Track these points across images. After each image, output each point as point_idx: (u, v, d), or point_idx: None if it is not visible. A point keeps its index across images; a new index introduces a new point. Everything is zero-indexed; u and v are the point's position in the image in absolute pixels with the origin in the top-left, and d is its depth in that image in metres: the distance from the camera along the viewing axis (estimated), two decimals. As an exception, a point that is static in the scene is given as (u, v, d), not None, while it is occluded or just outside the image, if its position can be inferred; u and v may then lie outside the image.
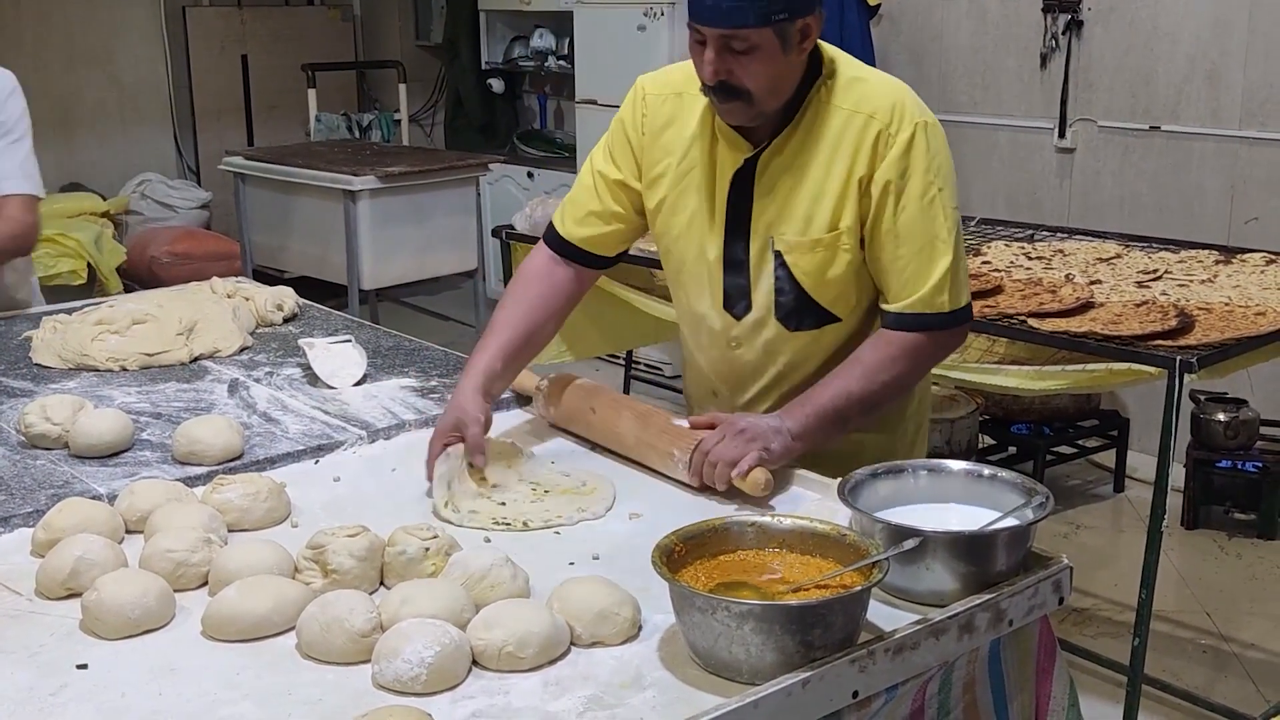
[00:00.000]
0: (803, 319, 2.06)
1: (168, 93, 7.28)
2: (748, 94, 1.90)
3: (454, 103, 7.65)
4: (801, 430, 1.92)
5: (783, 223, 2.01)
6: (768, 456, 1.88)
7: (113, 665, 1.49)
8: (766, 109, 1.94)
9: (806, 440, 1.92)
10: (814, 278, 2.01)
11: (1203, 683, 3.37)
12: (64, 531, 1.73)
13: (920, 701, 1.55)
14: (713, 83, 1.90)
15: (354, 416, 2.30)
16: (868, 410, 1.97)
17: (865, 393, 1.95)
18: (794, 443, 1.91)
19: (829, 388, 1.95)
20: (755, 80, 1.88)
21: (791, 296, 2.04)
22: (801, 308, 2.05)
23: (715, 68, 1.88)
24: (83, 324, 2.66)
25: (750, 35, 1.84)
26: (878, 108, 1.95)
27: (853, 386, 1.94)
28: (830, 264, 2.00)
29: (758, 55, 1.86)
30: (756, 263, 2.05)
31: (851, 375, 1.95)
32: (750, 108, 1.92)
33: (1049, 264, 3.31)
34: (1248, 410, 4.19)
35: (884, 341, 1.98)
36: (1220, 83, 4.50)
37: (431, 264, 5.42)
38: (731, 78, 1.88)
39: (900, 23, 5.43)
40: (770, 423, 1.92)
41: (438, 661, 1.42)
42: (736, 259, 2.06)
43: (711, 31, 1.86)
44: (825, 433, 1.94)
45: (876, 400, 1.97)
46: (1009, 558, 1.60)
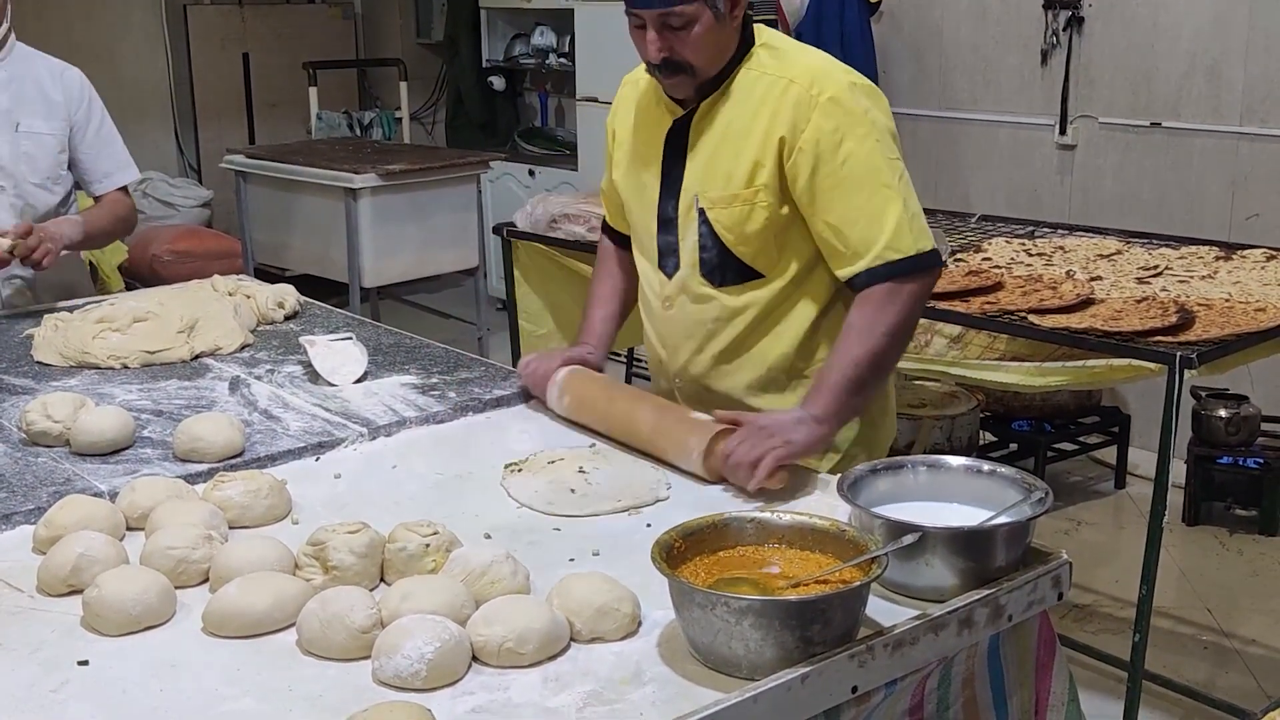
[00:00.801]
0: (725, 274, 2.16)
1: (169, 91, 7.28)
2: (690, 67, 2.06)
3: (455, 100, 7.65)
4: (824, 412, 1.97)
5: (706, 180, 2.13)
6: (792, 449, 1.91)
7: (114, 662, 1.50)
8: (707, 77, 2.09)
9: (832, 419, 1.99)
10: (733, 233, 2.12)
11: (1203, 678, 3.37)
12: (65, 528, 1.73)
13: (919, 697, 1.55)
14: (658, 61, 2.06)
15: (355, 414, 2.30)
16: (879, 369, 2.03)
17: (870, 352, 2.00)
18: (819, 426, 1.96)
19: (835, 362, 2.02)
20: (695, 52, 2.04)
21: (714, 252, 2.15)
22: (724, 263, 2.15)
23: (658, 46, 2.04)
24: (84, 322, 2.66)
25: (685, 10, 2.00)
26: (798, 74, 2.07)
27: (855, 351, 2.00)
28: (748, 219, 2.10)
29: (694, 29, 2.02)
30: (684, 220, 2.18)
31: (850, 342, 2.02)
32: (693, 79, 2.08)
33: (1050, 260, 3.31)
34: (1249, 406, 4.19)
35: (864, 300, 2.03)
36: (1221, 79, 4.50)
37: (433, 262, 5.41)
38: (673, 54, 2.04)
39: (901, 19, 5.43)
40: (792, 415, 1.98)
41: (438, 657, 1.42)
42: (667, 217, 2.21)
43: (649, 13, 2.02)
44: (848, 404, 2.01)
45: (883, 356, 2.02)
46: (1008, 553, 1.60)
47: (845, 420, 2.04)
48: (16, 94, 3.09)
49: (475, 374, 2.52)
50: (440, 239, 5.29)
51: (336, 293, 4.76)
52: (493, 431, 2.26)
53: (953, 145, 5.34)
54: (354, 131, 7.28)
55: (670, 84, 2.11)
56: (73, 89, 3.18)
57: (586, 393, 2.23)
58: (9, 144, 3.05)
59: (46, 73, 3.16)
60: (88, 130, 3.19)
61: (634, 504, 1.91)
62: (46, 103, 3.12)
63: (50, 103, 3.13)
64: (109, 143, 3.24)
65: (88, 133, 3.19)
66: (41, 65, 3.17)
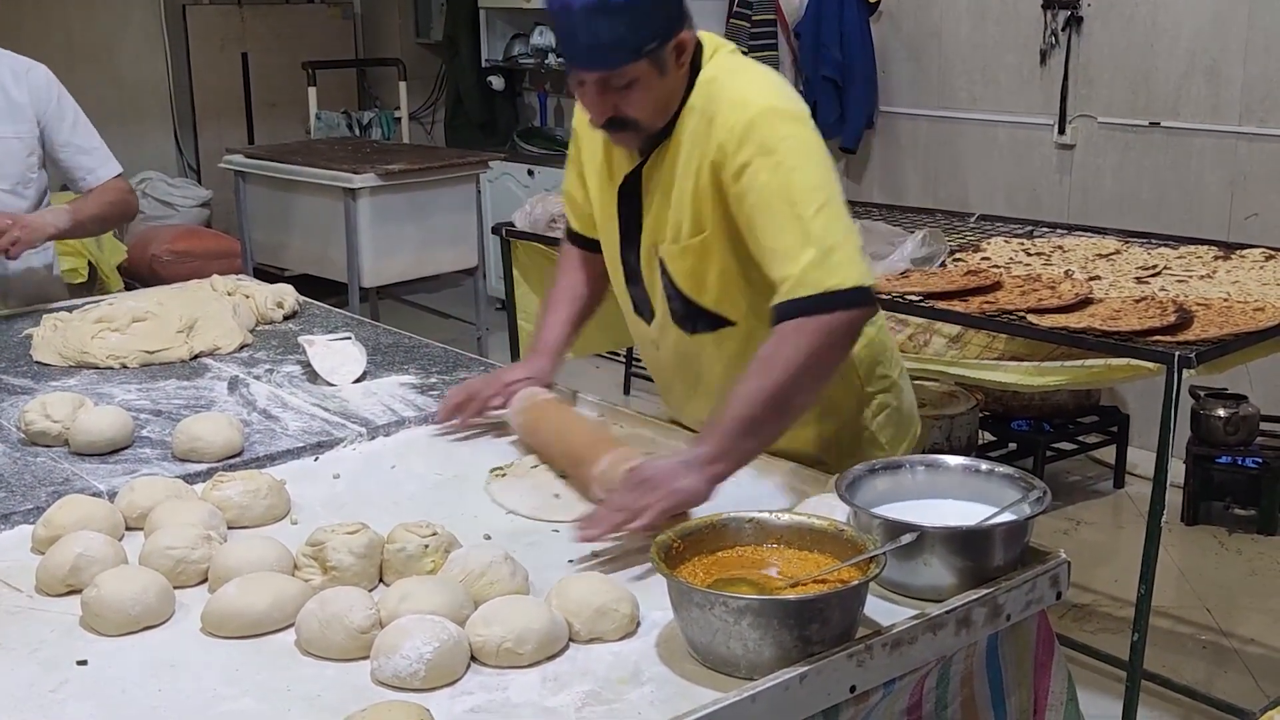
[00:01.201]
0: (696, 323, 2.08)
1: (168, 91, 7.28)
2: (635, 123, 1.95)
3: (454, 100, 7.64)
4: (715, 452, 1.80)
5: (660, 231, 2.03)
6: (676, 500, 1.75)
7: (113, 661, 1.50)
8: (655, 129, 1.98)
9: (726, 459, 1.81)
10: (691, 282, 2.03)
11: (1202, 678, 3.38)
12: (64, 528, 1.73)
13: (918, 696, 1.55)
14: (602, 122, 1.96)
15: (354, 414, 2.31)
16: (779, 407, 1.84)
17: (768, 388, 1.81)
18: (710, 467, 1.79)
19: (733, 398, 1.84)
20: (640, 109, 1.93)
21: (679, 303, 2.07)
22: (691, 313, 2.07)
23: (600, 108, 1.94)
24: (83, 322, 2.67)
25: (627, 71, 1.88)
26: (719, 108, 1.93)
27: (752, 387, 1.82)
28: (703, 269, 2.01)
29: (637, 86, 1.90)
30: (648, 272, 2.10)
31: (750, 377, 1.84)
32: (640, 134, 1.98)
33: (1048, 260, 3.31)
34: (1247, 406, 4.19)
35: (774, 335, 1.86)
36: (1220, 79, 4.50)
37: (432, 261, 5.41)
38: (618, 112, 1.93)
39: (900, 19, 5.43)
40: (680, 459, 1.81)
41: (436, 658, 1.42)
42: (631, 268, 2.13)
43: (590, 75, 1.91)
44: (743, 443, 1.83)
45: (783, 394, 1.82)
46: (1006, 553, 1.60)
47: (742, 460, 1.84)
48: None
49: (474, 374, 2.52)
50: (439, 239, 5.29)
51: (335, 293, 4.76)
52: (492, 432, 2.26)
53: (952, 145, 5.34)
54: (353, 131, 7.28)
55: (616, 139, 2.02)
56: (39, 88, 3.08)
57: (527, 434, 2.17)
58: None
59: (9, 73, 3.06)
60: (62, 128, 3.11)
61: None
62: (10, 105, 3.04)
63: (14, 104, 3.04)
64: (87, 138, 3.16)
65: (62, 130, 3.11)
66: (4, 66, 3.07)
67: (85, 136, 3.17)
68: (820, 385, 1.87)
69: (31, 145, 3.08)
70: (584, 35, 1.86)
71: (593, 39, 1.86)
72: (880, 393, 2.20)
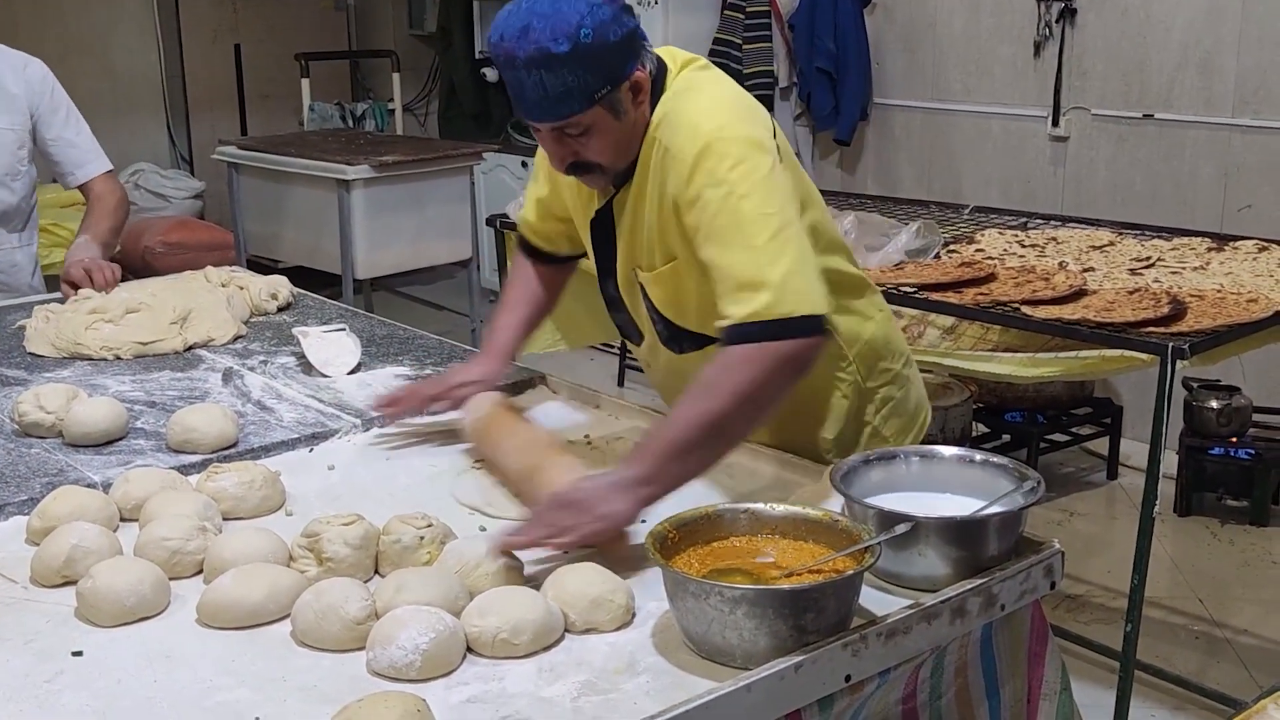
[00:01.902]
0: (682, 343, 2.07)
1: (160, 82, 7.25)
2: (598, 166, 1.93)
3: (448, 92, 7.63)
4: (645, 474, 1.73)
5: (636, 259, 2.02)
6: (602, 526, 1.70)
7: (108, 652, 1.50)
8: (620, 168, 1.95)
9: (656, 483, 1.74)
10: (672, 307, 2.03)
11: (1195, 668, 3.39)
12: (59, 519, 1.73)
13: (912, 686, 1.56)
14: (562, 169, 1.94)
15: (348, 405, 2.31)
16: (718, 433, 1.77)
17: (708, 413, 1.75)
18: (640, 489, 1.72)
19: (670, 420, 1.81)
20: (600, 154, 1.90)
21: (663, 325, 2.07)
22: (676, 334, 2.06)
23: (560, 155, 1.92)
24: (76, 313, 2.66)
25: (580, 120, 1.85)
26: (673, 138, 1.89)
27: (690, 411, 1.77)
28: (681, 292, 1.99)
29: (594, 132, 1.87)
30: (629, 298, 2.10)
31: (688, 400, 1.79)
32: (605, 174, 1.95)
33: (1042, 252, 3.31)
34: (1240, 397, 4.19)
35: (719, 360, 1.79)
36: (1213, 71, 4.50)
37: (426, 253, 5.41)
38: (578, 158, 1.91)
39: (894, 11, 5.43)
40: (609, 479, 1.75)
41: (432, 648, 1.42)
42: (611, 295, 2.13)
43: (544, 125, 1.88)
44: (676, 466, 1.76)
45: (723, 419, 1.75)
46: (1000, 543, 1.61)
47: (673, 485, 1.76)
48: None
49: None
50: (433, 230, 5.29)
51: (329, 284, 4.75)
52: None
53: (945, 137, 5.34)
54: (346, 123, 7.26)
55: (585, 181, 1.99)
56: (34, 81, 3.12)
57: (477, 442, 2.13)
58: None
59: (7, 67, 3.10)
60: (54, 122, 3.14)
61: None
62: (5, 97, 3.07)
63: (9, 97, 3.08)
64: (79, 132, 3.19)
65: (54, 124, 3.14)
66: (1, 60, 3.11)
67: (76, 131, 3.19)
68: (762, 415, 1.81)
69: (23, 138, 3.10)
70: (530, 89, 1.82)
71: (540, 91, 1.81)
72: (883, 386, 2.18)
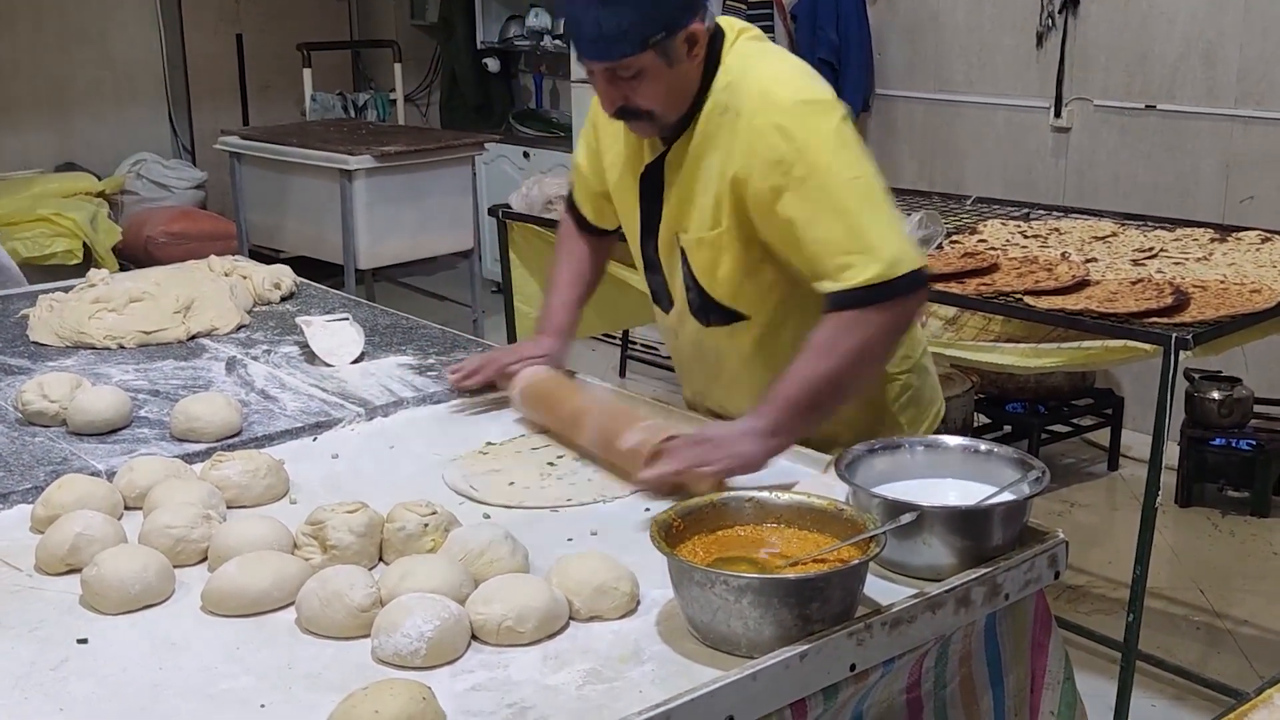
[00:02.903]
0: (710, 315, 2.10)
1: (162, 72, 7.25)
2: (648, 113, 1.96)
3: (449, 82, 7.62)
4: (774, 425, 1.86)
5: (683, 220, 2.05)
6: (736, 463, 1.82)
7: (113, 640, 1.50)
8: (671, 120, 1.98)
9: (782, 434, 1.87)
10: (707, 276, 2.05)
11: (1196, 659, 3.39)
12: (63, 508, 1.73)
13: (917, 675, 1.56)
14: (612, 112, 1.97)
15: (352, 394, 2.31)
16: (837, 390, 1.90)
17: (829, 372, 1.87)
18: (769, 439, 1.86)
19: (790, 377, 1.88)
20: (650, 100, 1.94)
21: (696, 293, 2.09)
22: (707, 305, 2.09)
23: (610, 97, 1.96)
24: (80, 302, 2.66)
25: (632, 63, 1.89)
26: (745, 103, 1.93)
27: (812, 369, 1.87)
28: (717, 262, 2.03)
29: (645, 77, 1.91)
30: (668, 261, 2.12)
31: (809, 358, 1.88)
32: (655, 123, 1.98)
33: (1045, 242, 3.31)
34: (1242, 388, 4.20)
35: (828, 322, 1.88)
36: (1216, 62, 4.49)
37: (427, 244, 5.41)
38: (629, 102, 1.94)
39: (896, 2, 5.41)
40: (739, 427, 1.88)
41: (437, 636, 1.42)
42: (650, 257, 2.15)
43: (597, 65, 1.92)
44: (800, 420, 1.88)
45: (843, 378, 1.88)
46: (1005, 532, 1.61)
47: (796, 437, 1.90)
48: None
49: (473, 355, 2.52)
50: (435, 221, 5.29)
51: (331, 275, 4.75)
52: (490, 412, 2.26)
53: (948, 127, 5.33)
54: (348, 113, 7.26)
55: (633, 129, 2.03)
56: None
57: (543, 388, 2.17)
58: None
59: None
60: None
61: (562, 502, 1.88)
62: None
63: None
64: None
65: None
66: None
67: None
68: (875, 371, 1.96)
69: None
70: (588, 26, 1.88)
71: (596, 30, 1.87)
72: (902, 374, 2.21)
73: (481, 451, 2.07)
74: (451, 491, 1.91)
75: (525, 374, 2.20)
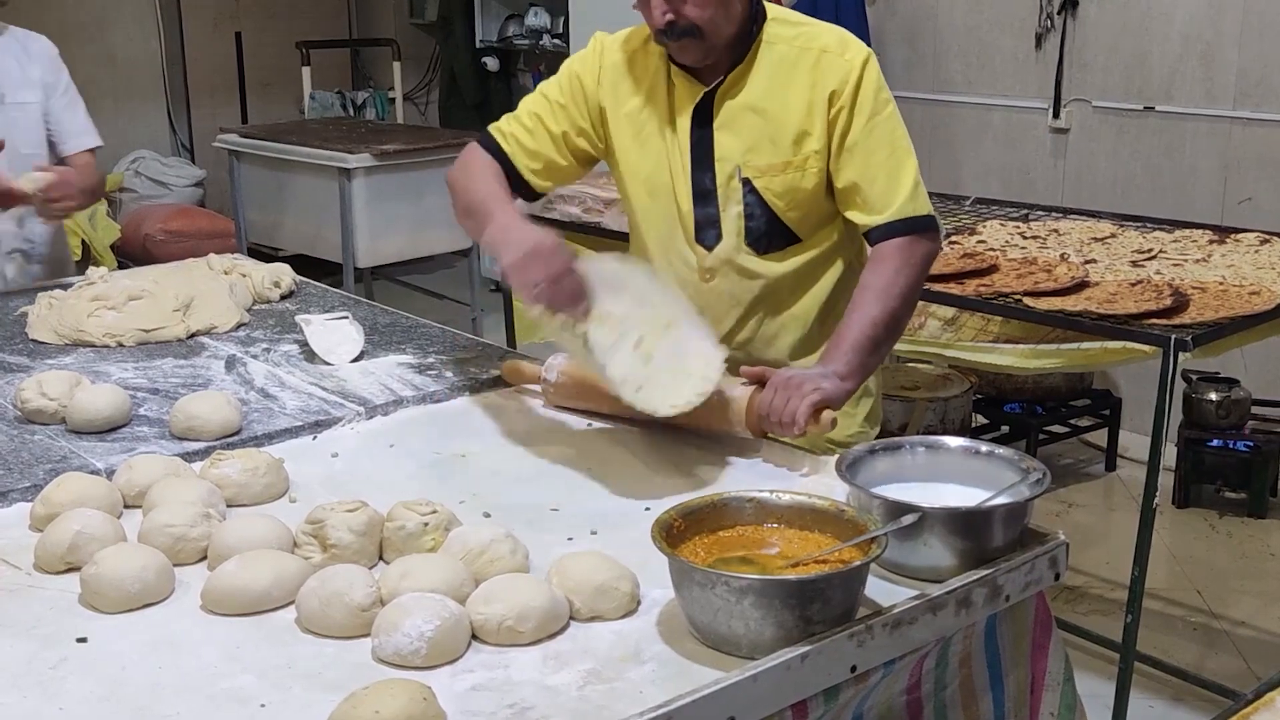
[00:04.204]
0: (771, 241, 2.19)
1: (161, 70, 7.24)
2: (697, 29, 2.05)
3: (448, 81, 7.62)
4: (847, 368, 1.99)
5: (749, 152, 2.14)
6: (825, 394, 1.92)
7: (112, 639, 1.50)
8: (717, 42, 2.09)
9: (853, 376, 2.00)
10: (784, 199, 2.15)
11: (1193, 660, 3.39)
12: (62, 506, 1.73)
13: (917, 676, 1.56)
14: (663, 24, 2.06)
15: (352, 393, 2.30)
16: (894, 328, 2.07)
17: (887, 311, 2.04)
18: (844, 382, 1.98)
19: (853, 321, 2.04)
20: (701, 12, 2.04)
21: (762, 220, 2.18)
22: (770, 230, 2.18)
23: (663, 9, 2.05)
24: (79, 299, 2.65)
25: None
26: (826, 42, 2.13)
27: (873, 311, 2.03)
28: (799, 184, 2.14)
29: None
30: (723, 193, 2.18)
31: (867, 301, 2.05)
32: (702, 43, 2.08)
33: (1044, 243, 3.31)
34: (1239, 390, 4.20)
35: (882, 257, 2.08)
36: (1215, 63, 4.50)
37: (426, 242, 5.41)
38: (680, 16, 2.04)
39: (895, 2, 5.42)
40: (816, 369, 1.99)
41: (437, 635, 1.42)
42: (704, 189, 2.19)
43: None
44: (867, 362, 2.03)
45: (898, 315, 2.07)
46: (1006, 534, 1.61)
47: (864, 377, 2.06)
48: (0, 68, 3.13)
49: (472, 354, 2.52)
50: (434, 219, 5.28)
51: (330, 273, 4.75)
52: (490, 411, 2.26)
53: (946, 128, 5.34)
54: (347, 111, 7.26)
55: (678, 48, 2.10)
56: (44, 56, 3.22)
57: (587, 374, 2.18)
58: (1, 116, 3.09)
59: (17, 42, 3.20)
60: (56, 93, 3.23)
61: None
62: (26, 74, 3.16)
63: (29, 71, 3.17)
64: (75, 104, 3.28)
65: (56, 94, 3.23)
66: (14, 39, 3.21)
67: (75, 102, 3.27)
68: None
69: (43, 109, 3.20)
70: None
71: None
72: None
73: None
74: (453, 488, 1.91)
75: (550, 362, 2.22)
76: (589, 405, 2.18)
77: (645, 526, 1.52)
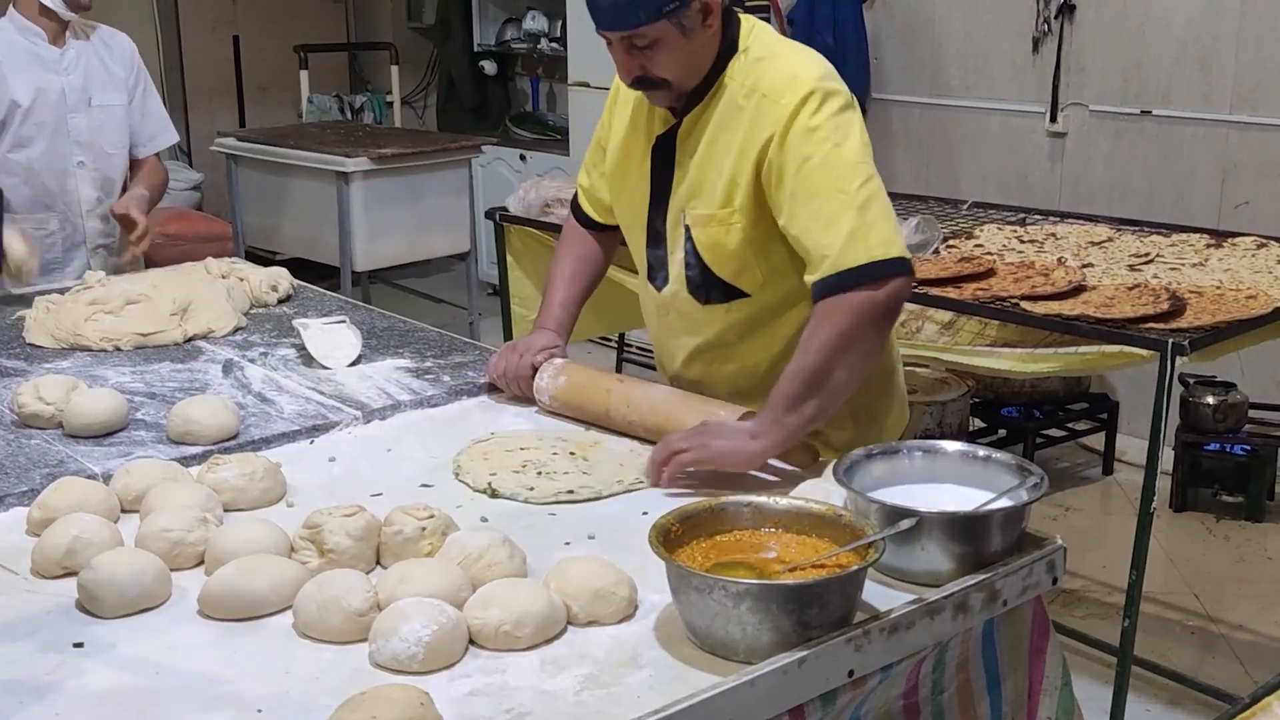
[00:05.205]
0: (710, 292, 2.12)
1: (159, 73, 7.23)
2: (664, 82, 2.01)
3: (446, 85, 7.63)
4: (760, 427, 1.91)
5: (692, 196, 2.08)
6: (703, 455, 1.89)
7: (109, 644, 1.50)
8: (687, 88, 2.04)
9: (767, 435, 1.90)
10: (712, 252, 2.08)
11: (1191, 663, 3.39)
12: (59, 511, 1.73)
13: (914, 681, 1.56)
14: (629, 81, 2.03)
15: (349, 397, 2.30)
16: (817, 385, 1.90)
17: (805, 369, 1.90)
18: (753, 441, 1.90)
19: (783, 377, 1.93)
20: (666, 69, 1.99)
21: (697, 270, 2.12)
22: (707, 281, 2.12)
23: (628, 66, 2.00)
24: (76, 304, 2.65)
25: (647, 31, 1.94)
26: (768, 84, 1.99)
27: (802, 364, 1.91)
28: (724, 239, 2.06)
29: (661, 47, 1.96)
30: (671, 235, 2.14)
31: (798, 356, 1.93)
32: (672, 92, 2.03)
33: (1041, 247, 3.31)
34: (1236, 393, 4.20)
35: (816, 313, 1.92)
36: (1212, 67, 4.50)
37: (424, 246, 5.41)
38: (645, 72, 2.00)
39: (893, 6, 5.42)
40: (734, 426, 1.94)
41: (435, 640, 1.42)
42: (655, 230, 2.17)
43: (613, 34, 1.97)
44: (784, 420, 1.90)
45: (820, 372, 1.89)
46: (1004, 538, 1.61)
47: (791, 436, 1.92)
48: (86, 69, 3.24)
49: (469, 358, 2.52)
50: (432, 223, 5.29)
51: (327, 277, 4.75)
52: (487, 415, 2.26)
53: (944, 132, 5.34)
54: (345, 115, 7.26)
55: (650, 98, 2.08)
56: (126, 56, 3.34)
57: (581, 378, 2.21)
58: (86, 119, 3.22)
59: (103, 43, 3.30)
60: (137, 94, 3.34)
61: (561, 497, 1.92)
62: (110, 74, 3.27)
63: (114, 72, 3.28)
64: (153, 104, 3.39)
65: (136, 96, 3.34)
66: (99, 38, 3.32)
67: (153, 102, 3.40)
68: (865, 359, 1.94)
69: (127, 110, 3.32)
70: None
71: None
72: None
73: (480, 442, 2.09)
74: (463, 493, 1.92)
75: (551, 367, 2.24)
76: (583, 417, 2.19)
77: (643, 531, 1.52)
